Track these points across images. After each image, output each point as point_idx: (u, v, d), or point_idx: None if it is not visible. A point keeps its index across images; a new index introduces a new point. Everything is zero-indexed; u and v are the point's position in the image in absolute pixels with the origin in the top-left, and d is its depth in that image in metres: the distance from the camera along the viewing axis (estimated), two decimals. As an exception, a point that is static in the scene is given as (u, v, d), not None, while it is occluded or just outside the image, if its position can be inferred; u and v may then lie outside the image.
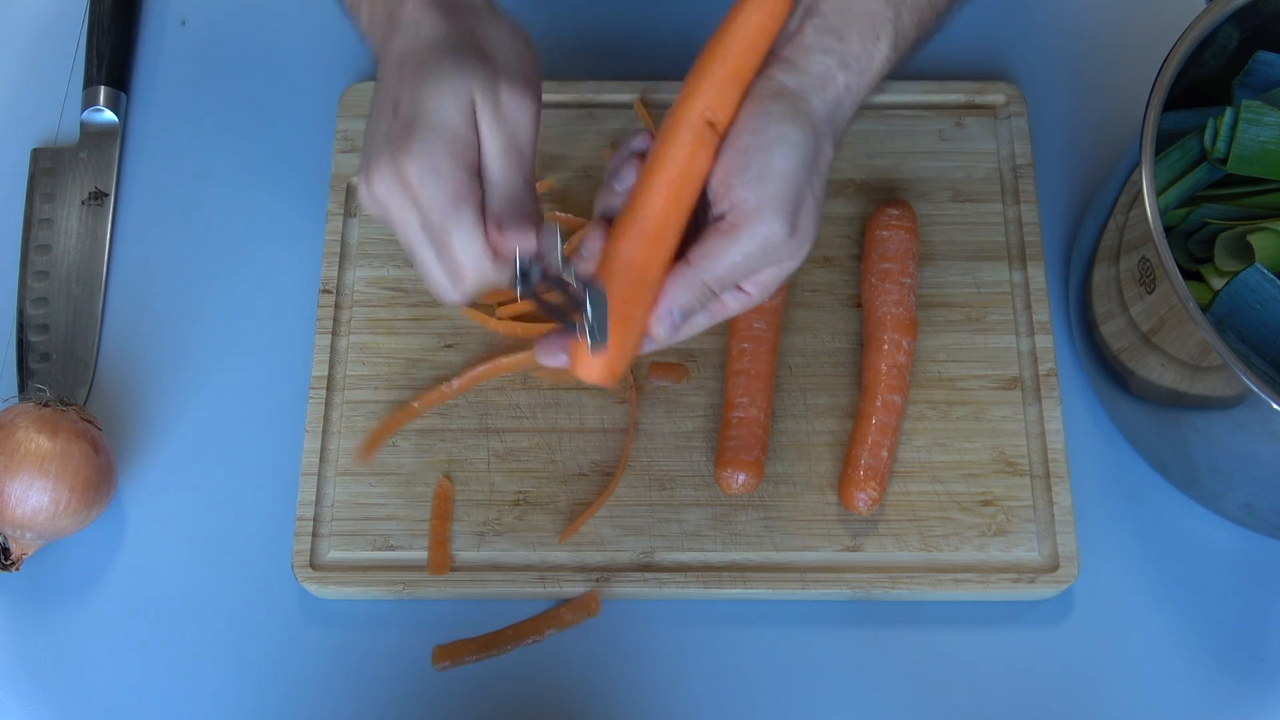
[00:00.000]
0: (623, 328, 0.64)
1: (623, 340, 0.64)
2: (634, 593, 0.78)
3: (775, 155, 0.64)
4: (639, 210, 0.65)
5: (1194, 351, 0.71)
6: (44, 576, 0.80)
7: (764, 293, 0.66)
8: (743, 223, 0.63)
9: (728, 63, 0.66)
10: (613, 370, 0.64)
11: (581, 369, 0.65)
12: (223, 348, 0.85)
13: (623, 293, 0.64)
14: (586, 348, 0.63)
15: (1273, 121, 0.76)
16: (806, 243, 0.66)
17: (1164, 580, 0.80)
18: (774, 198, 0.63)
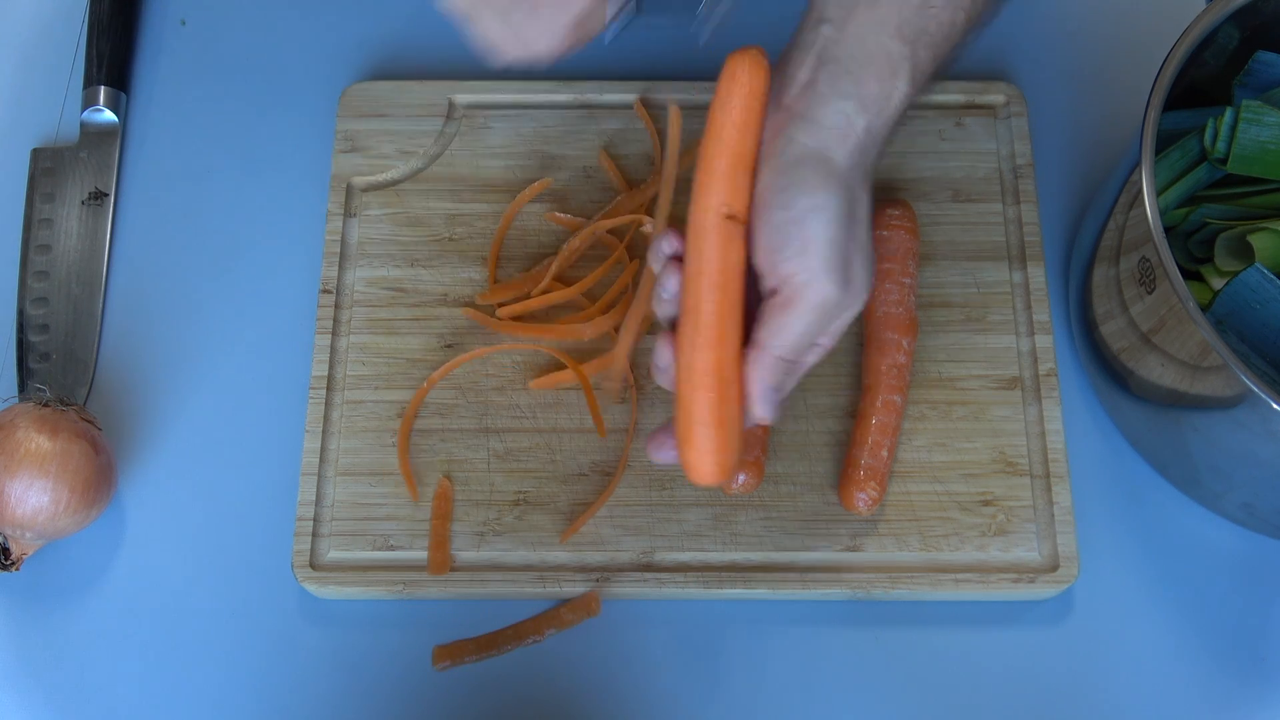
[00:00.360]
0: (721, 429, 0.66)
1: (725, 439, 0.66)
2: (634, 593, 0.78)
3: (811, 226, 0.64)
4: (696, 319, 0.66)
5: (1194, 351, 0.71)
6: (44, 576, 0.80)
7: (837, 338, 0.68)
8: (797, 296, 0.64)
9: (724, 156, 0.66)
10: (724, 469, 0.66)
11: (693, 473, 0.67)
12: (223, 348, 0.85)
13: (709, 397, 0.65)
14: (698, 453, 0.66)
15: (1273, 121, 0.76)
16: (864, 291, 0.66)
17: (1164, 580, 0.80)
18: (820, 267, 0.64)
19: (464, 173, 0.89)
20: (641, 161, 0.89)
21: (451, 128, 0.90)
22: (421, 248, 0.87)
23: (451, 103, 0.90)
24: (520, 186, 0.88)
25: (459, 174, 0.89)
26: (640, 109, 0.89)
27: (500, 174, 0.89)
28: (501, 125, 0.90)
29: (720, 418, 0.66)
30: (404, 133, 0.89)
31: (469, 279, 0.86)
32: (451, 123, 0.90)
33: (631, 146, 0.89)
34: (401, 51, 0.94)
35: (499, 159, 0.89)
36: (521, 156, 0.89)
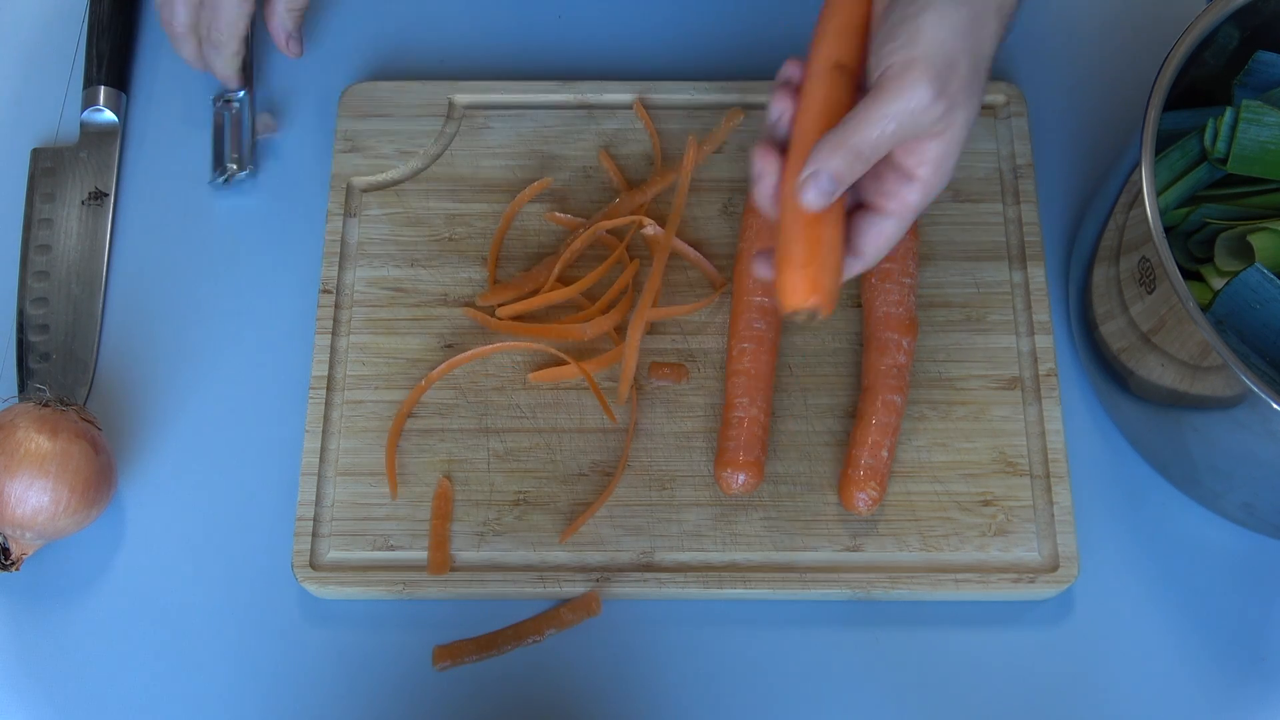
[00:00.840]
0: (816, 246, 0.66)
1: (819, 258, 0.66)
2: (634, 593, 0.78)
3: (923, 21, 0.64)
4: (800, 150, 0.66)
5: (1194, 351, 0.71)
6: (44, 576, 0.80)
7: (936, 176, 0.67)
8: (888, 84, 0.64)
9: (836, 18, 0.68)
10: (816, 289, 0.66)
11: (789, 294, 0.66)
12: (223, 348, 0.85)
13: (808, 216, 0.66)
14: (792, 267, 0.66)
15: (1273, 121, 0.76)
16: (958, 112, 0.65)
17: (1164, 580, 0.80)
18: (920, 58, 0.63)
19: (464, 173, 0.89)
20: (641, 161, 0.89)
21: (451, 128, 0.90)
22: (421, 248, 0.87)
23: (451, 103, 0.90)
24: (520, 186, 0.88)
25: (459, 174, 0.89)
26: (640, 109, 0.89)
27: (500, 174, 0.89)
28: (501, 125, 0.90)
29: (815, 236, 0.66)
30: (404, 133, 0.89)
31: (469, 279, 0.86)
32: (451, 123, 0.90)
33: (631, 146, 0.89)
34: (401, 51, 0.94)
35: (499, 159, 0.89)
36: (521, 156, 0.89)
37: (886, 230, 0.68)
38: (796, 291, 0.66)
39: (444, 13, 0.96)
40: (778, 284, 0.67)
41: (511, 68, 0.93)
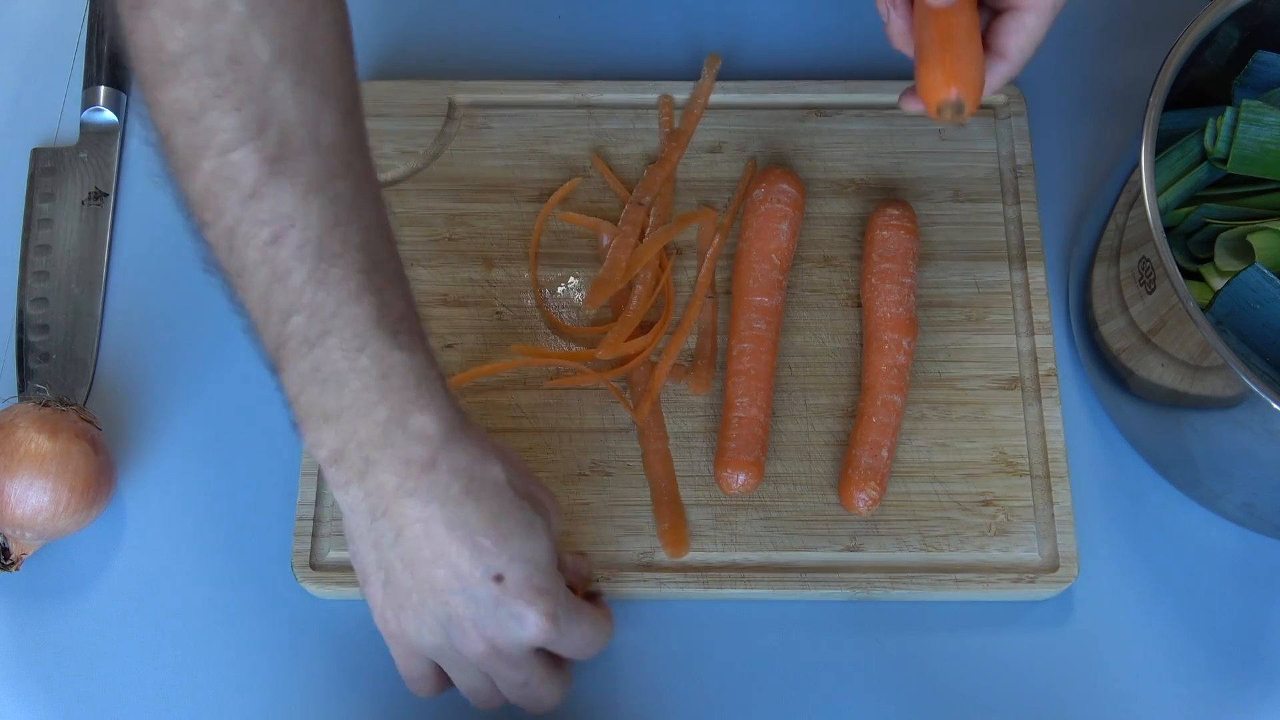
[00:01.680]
0: (950, 38, 0.67)
1: (954, 47, 0.67)
2: (634, 593, 0.78)
3: None
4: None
5: (1194, 351, 0.71)
6: (44, 576, 0.80)
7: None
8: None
9: None
10: (954, 77, 0.66)
11: (928, 90, 0.67)
12: (223, 348, 0.85)
13: (939, 15, 0.67)
14: (929, 65, 0.67)
15: (1273, 121, 0.76)
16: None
17: (1164, 580, 0.80)
18: None
19: (464, 173, 0.89)
20: (641, 161, 0.89)
21: (451, 128, 0.90)
22: (421, 248, 0.87)
23: (451, 103, 0.90)
24: (520, 186, 0.88)
25: (459, 174, 0.89)
26: (666, 105, 0.90)
27: (500, 174, 0.89)
28: (501, 125, 0.90)
29: (950, 31, 0.67)
30: (404, 133, 0.89)
31: (469, 279, 0.86)
32: (451, 123, 0.90)
33: (631, 146, 0.89)
34: (401, 51, 0.94)
35: (499, 159, 0.89)
36: (521, 156, 0.89)
37: (1028, 25, 0.68)
38: (936, 85, 0.67)
39: (444, 13, 0.96)
40: (920, 87, 0.68)
41: (511, 68, 0.93)
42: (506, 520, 0.64)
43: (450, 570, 0.63)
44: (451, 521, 0.62)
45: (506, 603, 0.64)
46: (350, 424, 0.62)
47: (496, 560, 0.63)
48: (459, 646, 0.66)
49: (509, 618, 0.64)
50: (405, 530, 0.62)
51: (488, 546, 0.63)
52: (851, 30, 0.94)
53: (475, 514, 0.63)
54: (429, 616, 0.65)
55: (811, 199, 0.87)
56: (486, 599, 0.64)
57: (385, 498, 0.62)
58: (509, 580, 0.64)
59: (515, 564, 0.64)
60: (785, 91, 0.91)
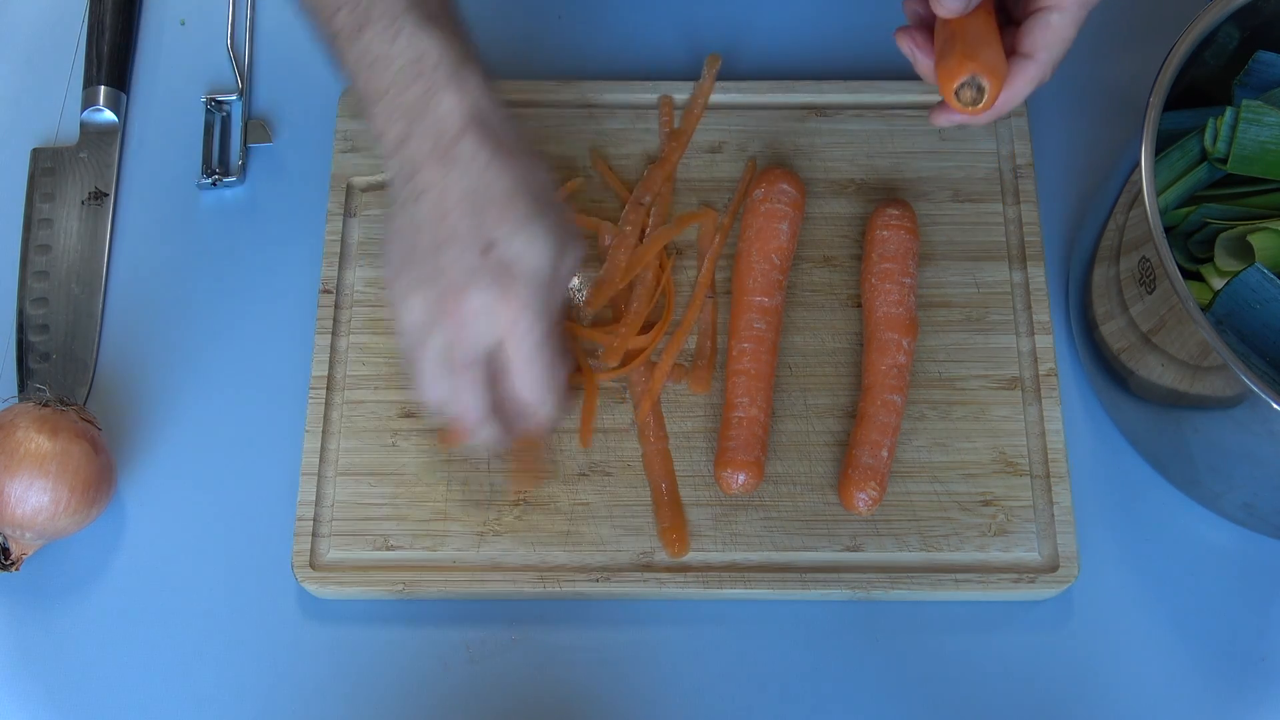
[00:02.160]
0: (964, 28, 0.68)
1: (967, 35, 0.68)
2: (634, 592, 0.78)
3: None
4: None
5: (1194, 351, 0.71)
6: (44, 576, 0.80)
7: None
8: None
9: None
10: (970, 55, 0.67)
11: (945, 76, 0.68)
12: (223, 347, 0.85)
13: (954, 21, 0.68)
14: (945, 55, 0.68)
15: (1273, 121, 0.76)
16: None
17: (1164, 580, 0.80)
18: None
19: (464, 173, 0.89)
20: (641, 161, 0.89)
21: (451, 128, 0.90)
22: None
23: (451, 103, 0.90)
24: (520, 186, 0.88)
25: (459, 174, 0.89)
26: (666, 106, 0.90)
27: (500, 174, 0.89)
28: (501, 125, 0.90)
29: (965, 25, 0.68)
30: (404, 133, 0.89)
31: (469, 279, 0.86)
32: (451, 123, 0.90)
33: (631, 146, 0.89)
34: (401, 51, 0.94)
35: (499, 159, 0.89)
36: (521, 156, 0.89)
37: (1052, 23, 0.68)
38: (951, 68, 0.67)
39: (444, 13, 0.96)
40: (939, 79, 0.68)
41: (511, 68, 0.93)
42: (517, 205, 0.66)
43: (450, 230, 0.66)
44: (465, 188, 0.66)
45: (483, 275, 0.65)
46: (391, 102, 0.67)
47: (493, 231, 0.65)
48: (440, 319, 0.67)
49: (481, 291, 0.65)
50: (424, 194, 0.66)
51: (490, 216, 0.66)
52: (851, 30, 0.94)
53: (488, 188, 0.66)
54: (424, 282, 0.67)
55: (811, 199, 0.87)
56: (470, 263, 0.65)
57: (414, 165, 0.67)
58: (495, 254, 0.65)
59: (507, 243, 0.65)
60: (785, 91, 0.91)
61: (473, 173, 0.66)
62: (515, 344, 0.67)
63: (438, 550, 0.79)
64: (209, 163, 0.89)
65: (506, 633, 0.79)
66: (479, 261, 0.66)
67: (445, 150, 0.66)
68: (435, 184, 0.66)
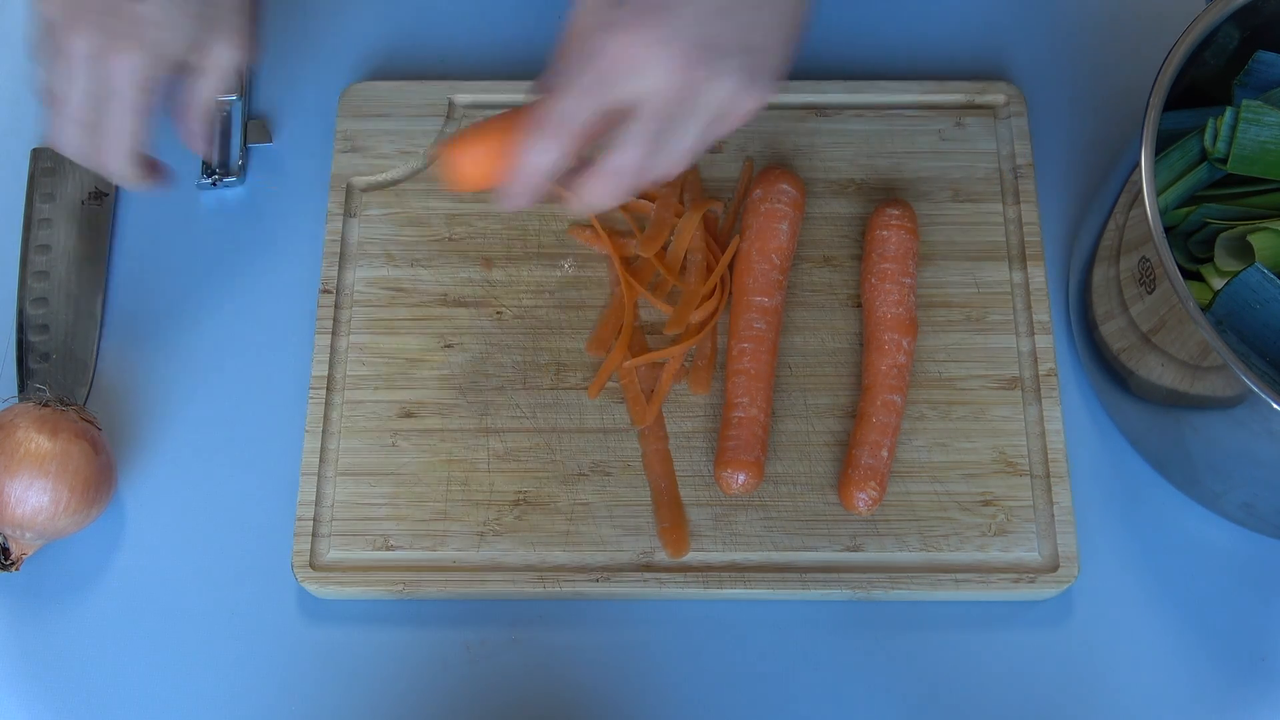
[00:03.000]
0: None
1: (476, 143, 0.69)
2: (634, 593, 0.78)
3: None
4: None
5: (1194, 351, 0.71)
6: (44, 576, 0.80)
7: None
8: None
9: None
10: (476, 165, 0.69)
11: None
12: (223, 348, 0.85)
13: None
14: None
15: (1273, 121, 0.76)
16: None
17: (1164, 580, 0.80)
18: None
19: (464, 173, 0.89)
20: (641, 161, 0.89)
21: (451, 128, 0.90)
22: (421, 248, 0.87)
23: (451, 103, 0.90)
24: (520, 186, 0.88)
25: (459, 174, 0.89)
26: None
27: (500, 174, 0.89)
28: (501, 125, 0.90)
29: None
30: (404, 133, 0.89)
31: (468, 279, 0.86)
32: (451, 123, 0.90)
33: (631, 146, 0.89)
34: (401, 51, 0.94)
35: (499, 159, 0.89)
36: (521, 156, 0.89)
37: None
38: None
39: (444, 13, 0.96)
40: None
41: (511, 68, 0.93)
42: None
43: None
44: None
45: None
46: None
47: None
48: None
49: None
50: None
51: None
52: (851, 30, 0.94)
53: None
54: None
55: (811, 199, 0.87)
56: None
57: None
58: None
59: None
60: (785, 91, 0.90)
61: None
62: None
63: (438, 550, 0.79)
64: (209, 163, 0.90)
65: (506, 633, 0.79)
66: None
67: None
68: None
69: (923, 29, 0.94)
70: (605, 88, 0.63)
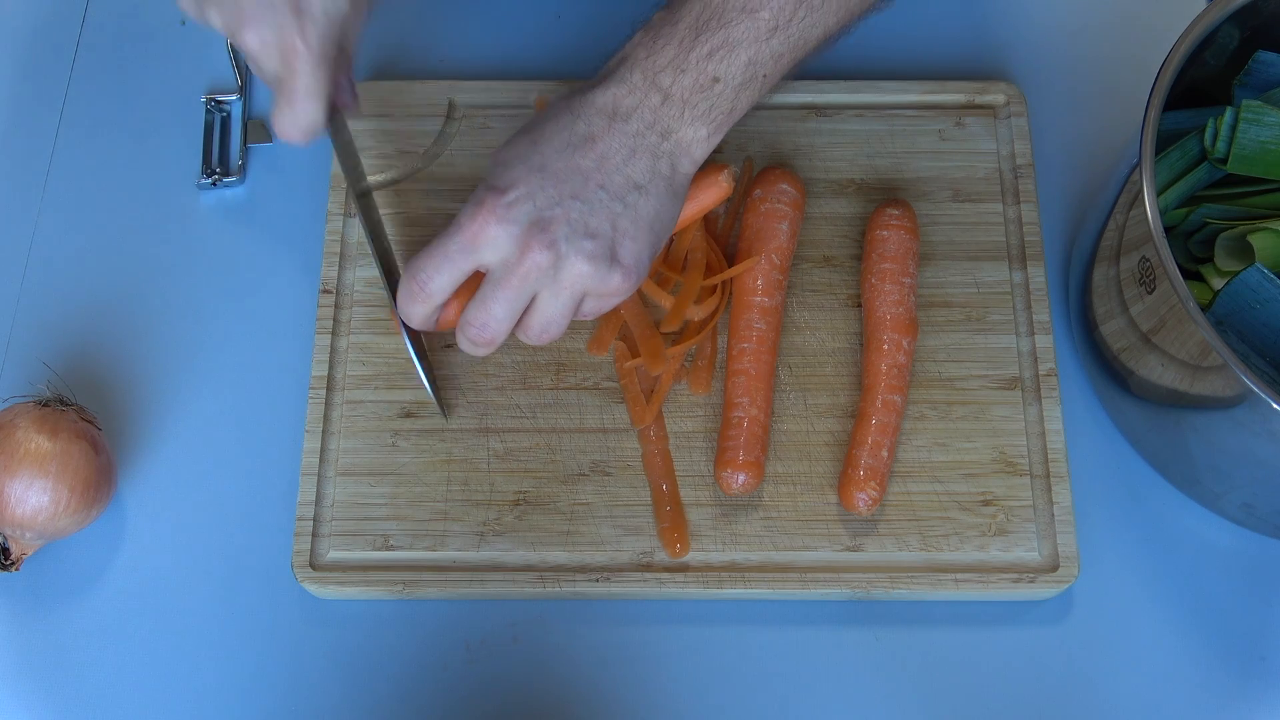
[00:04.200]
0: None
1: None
2: (634, 593, 0.78)
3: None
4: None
5: (1194, 351, 0.71)
6: (44, 576, 0.80)
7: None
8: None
9: None
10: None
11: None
12: (223, 348, 0.85)
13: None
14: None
15: (1273, 121, 0.76)
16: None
17: (1164, 580, 0.80)
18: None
19: (464, 173, 0.89)
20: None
21: (451, 128, 0.90)
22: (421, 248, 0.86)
23: (451, 103, 0.90)
24: (520, 186, 0.88)
25: (459, 174, 0.89)
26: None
27: (500, 174, 0.89)
28: (501, 125, 0.90)
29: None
30: (404, 133, 0.89)
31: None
32: (451, 123, 0.90)
33: (631, 146, 0.89)
34: (401, 51, 0.94)
35: (499, 159, 0.89)
36: (521, 156, 0.89)
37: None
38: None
39: (444, 13, 0.96)
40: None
41: (511, 68, 0.93)
42: (639, 240, 0.73)
43: (588, 184, 0.71)
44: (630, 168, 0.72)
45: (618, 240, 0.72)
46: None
47: (618, 213, 0.72)
48: (532, 237, 0.71)
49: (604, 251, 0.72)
50: (596, 141, 0.72)
51: (631, 203, 0.72)
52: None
53: (647, 214, 0.73)
54: (544, 199, 0.71)
55: (811, 199, 0.88)
56: (608, 213, 0.72)
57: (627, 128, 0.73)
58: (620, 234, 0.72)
59: (629, 240, 0.72)
60: (785, 91, 0.90)
61: (653, 195, 0.73)
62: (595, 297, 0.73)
63: (438, 550, 0.79)
64: (209, 163, 0.90)
65: (506, 633, 0.79)
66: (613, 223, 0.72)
67: (654, 154, 0.72)
68: (617, 153, 0.72)
69: (923, 29, 0.94)
70: (465, 255, 0.72)
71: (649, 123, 0.72)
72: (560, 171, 0.71)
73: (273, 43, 0.71)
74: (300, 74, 0.71)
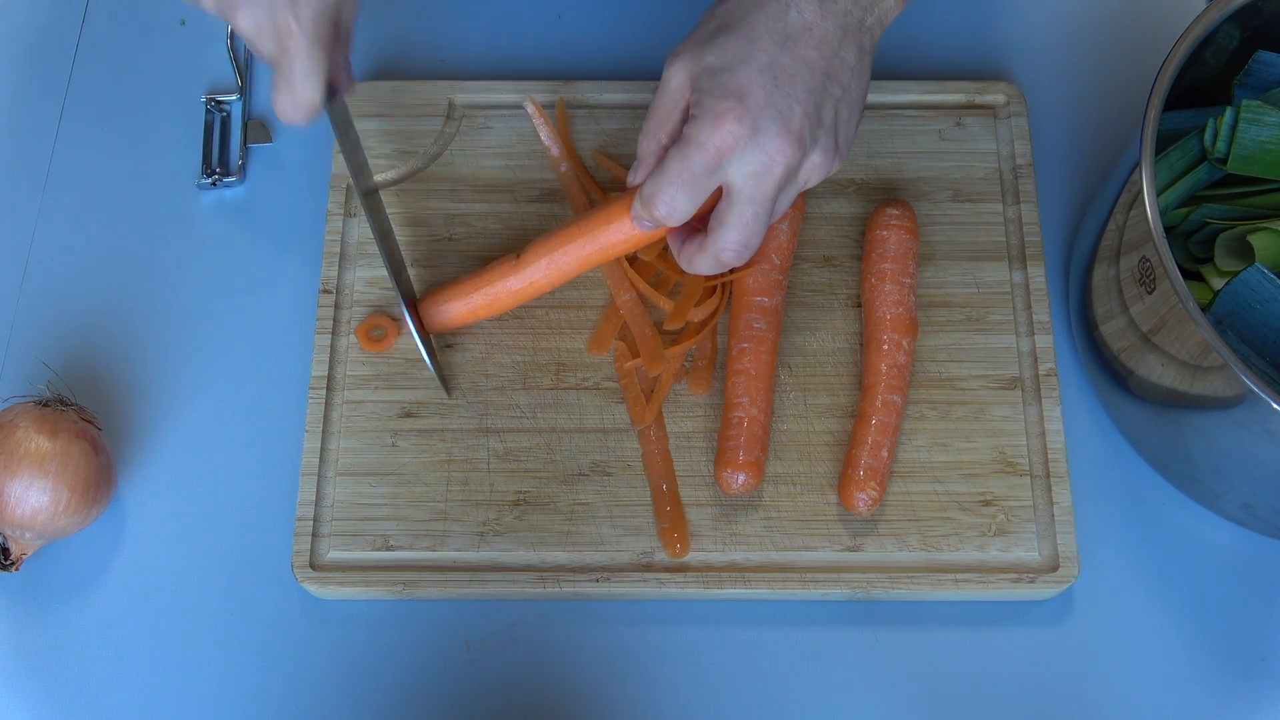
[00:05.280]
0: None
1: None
2: (634, 593, 0.78)
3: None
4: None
5: (1194, 351, 0.71)
6: (44, 576, 0.80)
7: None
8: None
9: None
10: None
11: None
12: (223, 348, 0.85)
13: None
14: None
15: (1273, 121, 0.76)
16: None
17: (1164, 580, 0.80)
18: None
19: (464, 173, 0.89)
20: (641, 161, 0.89)
21: (451, 128, 0.90)
22: (421, 248, 0.87)
23: (451, 103, 0.90)
24: (519, 186, 0.88)
25: (459, 174, 0.89)
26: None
27: (500, 174, 0.89)
28: (501, 125, 0.90)
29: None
30: (404, 133, 0.89)
31: (469, 279, 0.86)
32: (451, 123, 0.90)
33: (630, 146, 0.89)
34: (401, 51, 0.94)
35: (499, 159, 0.89)
36: (521, 156, 0.89)
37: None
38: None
39: (444, 13, 0.96)
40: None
41: (511, 68, 0.93)
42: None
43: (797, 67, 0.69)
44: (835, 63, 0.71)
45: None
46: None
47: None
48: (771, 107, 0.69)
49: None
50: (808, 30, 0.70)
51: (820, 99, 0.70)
52: (851, 30, 0.94)
53: (849, 88, 0.72)
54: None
55: (811, 199, 0.88)
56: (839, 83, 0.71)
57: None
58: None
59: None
60: (785, 91, 0.90)
61: (861, 75, 0.72)
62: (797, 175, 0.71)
63: (438, 550, 0.79)
64: (209, 163, 0.90)
65: (506, 633, 0.79)
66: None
67: (859, 31, 0.71)
68: (817, 28, 0.70)
69: (923, 29, 0.94)
70: (710, 175, 0.69)
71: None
72: (788, 67, 0.68)
73: (266, 24, 0.69)
74: (295, 55, 0.70)
